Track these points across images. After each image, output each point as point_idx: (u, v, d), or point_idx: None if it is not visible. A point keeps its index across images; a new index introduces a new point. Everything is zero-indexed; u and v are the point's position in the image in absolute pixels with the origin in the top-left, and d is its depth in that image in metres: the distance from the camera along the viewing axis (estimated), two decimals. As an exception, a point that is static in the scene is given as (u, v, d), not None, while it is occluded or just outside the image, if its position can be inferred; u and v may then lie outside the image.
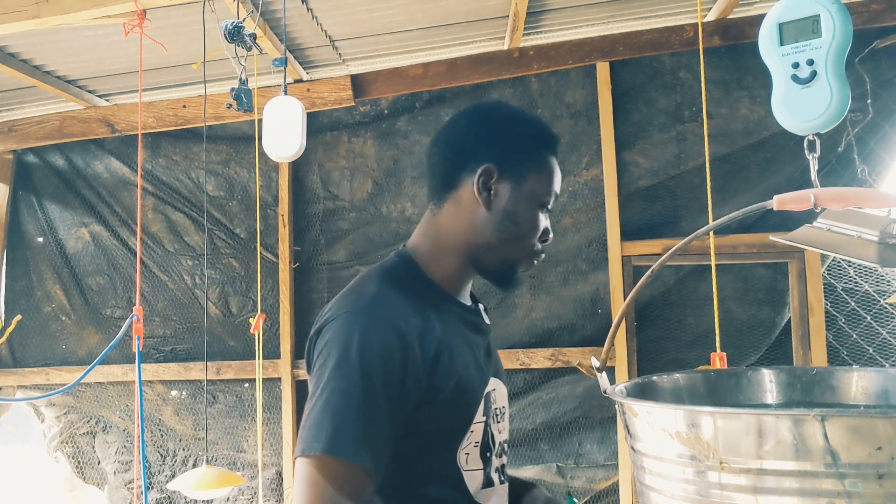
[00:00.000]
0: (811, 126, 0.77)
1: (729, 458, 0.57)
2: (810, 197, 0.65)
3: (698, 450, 0.59)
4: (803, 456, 0.54)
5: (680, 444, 0.60)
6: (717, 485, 0.58)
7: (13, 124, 2.87)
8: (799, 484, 0.54)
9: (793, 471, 0.54)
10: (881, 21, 2.37)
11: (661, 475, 0.63)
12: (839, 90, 0.76)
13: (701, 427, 0.58)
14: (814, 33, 0.77)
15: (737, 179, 2.52)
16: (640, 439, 0.66)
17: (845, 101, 0.76)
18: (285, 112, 1.46)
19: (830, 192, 0.65)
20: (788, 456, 0.54)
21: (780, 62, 0.79)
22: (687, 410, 0.60)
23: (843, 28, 0.76)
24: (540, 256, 1.12)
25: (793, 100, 0.78)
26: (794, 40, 0.78)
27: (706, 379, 0.83)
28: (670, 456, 0.61)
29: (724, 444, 0.57)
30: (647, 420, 0.64)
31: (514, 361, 2.60)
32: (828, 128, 0.78)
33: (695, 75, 2.55)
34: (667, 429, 0.61)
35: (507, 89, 2.71)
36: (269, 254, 2.79)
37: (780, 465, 0.55)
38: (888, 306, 2.45)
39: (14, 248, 2.99)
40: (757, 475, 0.56)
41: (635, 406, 0.65)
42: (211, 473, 1.97)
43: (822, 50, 0.76)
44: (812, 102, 0.77)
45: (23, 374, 2.91)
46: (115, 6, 1.90)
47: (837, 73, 0.76)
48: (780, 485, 0.55)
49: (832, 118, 0.77)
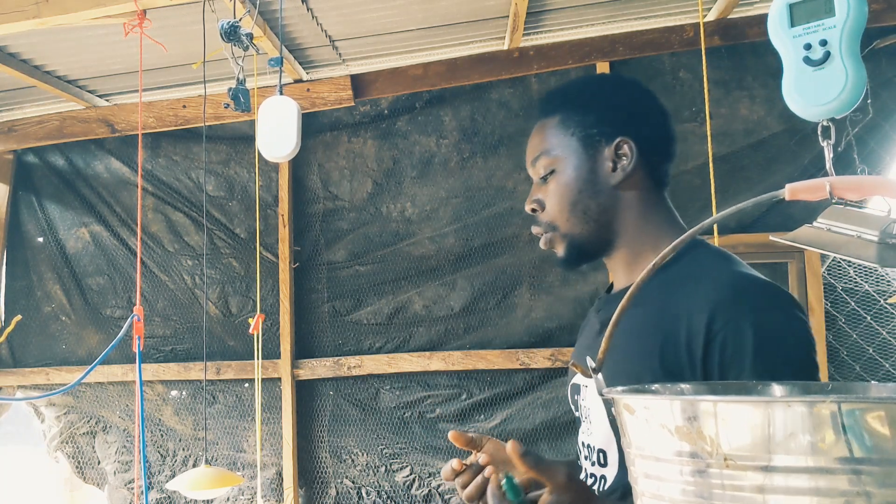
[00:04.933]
0: (825, 110, 0.73)
1: (734, 453, 0.52)
2: (825, 186, 0.61)
3: (700, 445, 0.54)
4: (818, 450, 0.49)
5: (680, 440, 0.55)
6: (719, 485, 0.53)
7: (13, 124, 2.86)
8: (814, 482, 0.49)
9: (806, 467, 0.49)
10: (881, 21, 2.37)
11: (659, 478, 0.59)
12: (855, 71, 0.71)
13: (702, 419, 0.54)
14: (826, 13, 0.73)
15: (737, 179, 2.52)
16: (636, 440, 0.62)
17: (861, 83, 0.72)
18: (280, 112, 1.45)
19: (847, 180, 0.60)
20: (801, 450, 0.49)
21: (790, 44, 0.75)
22: (687, 400, 0.56)
23: (858, 5, 0.72)
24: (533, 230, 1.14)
25: (805, 83, 0.74)
26: (806, 21, 0.74)
27: (711, 391, 0.80)
28: (669, 455, 0.57)
29: (729, 438, 0.53)
30: (644, 416, 0.60)
31: (514, 361, 2.60)
32: (843, 112, 0.73)
33: (695, 75, 2.55)
34: (666, 424, 0.57)
35: (507, 89, 2.70)
36: (269, 254, 2.79)
37: (791, 461, 0.50)
38: (888, 306, 2.45)
39: (14, 248, 2.99)
40: (765, 472, 0.51)
41: (632, 402, 0.61)
42: (210, 473, 1.97)
43: (836, 30, 0.72)
44: (826, 85, 0.72)
45: (23, 374, 2.90)
46: (115, 6, 1.90)
47: (853, 54, 0.72)
48: (791, 483, 0.50)
49: (848, 101, 0.72)
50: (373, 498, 2.70)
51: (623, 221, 1.06)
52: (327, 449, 2.75)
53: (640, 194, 1.06)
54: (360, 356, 2.72)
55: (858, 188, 0.61)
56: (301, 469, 2.73)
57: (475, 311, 2.70)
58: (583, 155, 1.06)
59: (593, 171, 1.05)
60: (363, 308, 2.77)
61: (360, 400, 2.74)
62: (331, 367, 2.71)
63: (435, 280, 2.72)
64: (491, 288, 2.69)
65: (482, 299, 2.70)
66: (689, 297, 0.96)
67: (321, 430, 2.75)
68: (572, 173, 1.06)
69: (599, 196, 1.05)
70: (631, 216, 1.06)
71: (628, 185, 1.05)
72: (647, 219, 1.06)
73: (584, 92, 1.14)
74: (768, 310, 0.93)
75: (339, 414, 2.75)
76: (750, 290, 0.95)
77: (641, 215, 1.06)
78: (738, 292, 0.94)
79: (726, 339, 0.91)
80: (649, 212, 1.06)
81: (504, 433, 2.63)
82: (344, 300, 2.79)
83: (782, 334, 0.91)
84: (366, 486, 2.72)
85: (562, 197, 1.06)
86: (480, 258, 2.70)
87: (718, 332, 0.91)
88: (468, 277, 2.70)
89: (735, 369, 0.90)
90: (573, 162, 1.06)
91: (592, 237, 1.07)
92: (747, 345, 0.90)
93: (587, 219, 1.05)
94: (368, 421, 2.73)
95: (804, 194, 0.62)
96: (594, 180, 1.05)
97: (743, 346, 0.90)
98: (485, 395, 2.65)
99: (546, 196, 1.09)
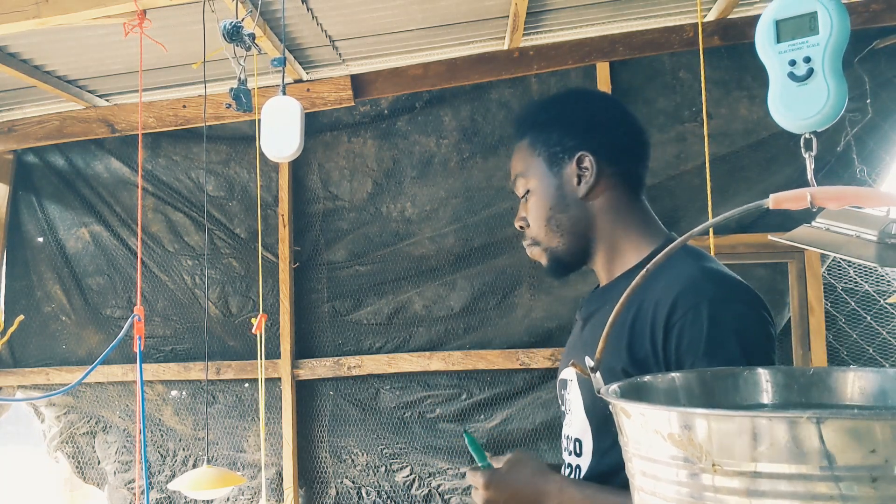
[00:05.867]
0: (807, 124, 0.76)
1: (722, 460, 0.56)
2: (806, 196, 0.64)
3: (691, 452, 0.58)
4: (798, 459, 0.53)
5: (673, 446, 0.59)
6: (710, 487, 0.57)
7: (13, 124, 2.87)
8: (793, 487, 0.54)
9: (787, 474, 0.54)
10: (881, 21, 2.37)
11: (655, 477, 0.62)
12: (836, 88, 0.75)
13: (694, 429, 0.58)
14: (811, 30, 0.76)
15: (736, 179, 2.52)
16: (633, 440, 0.65)
17: (842, 99, 0.75)
18: (283, 112, 1.46)
19: (827, 190, 0.64)
20: (783, 458, 0.54)
21: (776, 59, 0.78)
22: (680, 412, 0.60)
23: (841, 25, 0.75)
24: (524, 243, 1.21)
25: (789, 97, 0.77)
26: (791, 37, 0.77)
27: (702, 379, 0.82)
28: (663, 458, 0.61)
29: (718, 447, 0.57)
30: (640, 422, 0.63)
31: (514, 361, 2.60)
32: (824, 126, 0.77)
33: (694, 75, 2.55)
34: (660, 430, 0.60)
35: (507, 89, 2.71)
36: (269, 254, 2.79)
37: (774, 468, 0.54)
38: (888, 306, 2.45)
39: (14, 248, 2.99)
40: (751, 478, 0.55)
41: (628, 407, 0.64)
42: (211, 473, 1.97)
43: (819, 47, 0.75)
44: (809, 100, 0.76)
45: (23, 374, 2.91)
46: (115, 6, 1.90)
47: (834, 71, 0.75)
48: (774, 488, 0.54)
49: (829, 116, 0.76)
50: (373, 498, 2.71)
51: (597, 230, 1.13)
52: (327, 449, 2.75)
53: (609, 202, 1.13)
54: (360, 356, 2.72)
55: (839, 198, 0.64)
56: (301, 469, 2.73)
57: (475, 311, 2.70)
58: (549, 173, 1.15)
59: (560, 187, 1.14)
60: (363, 308, 2.77)
61: (360, 400, 2.75)
62: (331, 367, 2.72)
63: (435, 280, 2.72)
64: (491, 288, 2.69)
65: (482, 299, 2.70)
66: (655, 292, 1.01)
67: (321, 430, 2.75)
68: (543, 192, 1.15)
69: (569, 210, 1.13)
70: (603, 224, 1.13)
71: (595, 196, 1.13)
72: (619, 224, 1.13)
73: (547, 112, 1.21)
74: (725, 301, 0.98)
75: (339, 414, 2.75)
76: (710, 282, 1.00)
77: (614, 221, 1.12)
78: (697, 284, 1.00)
79: (683, 327, 0.97)
80: (621, 217, 1.13)
81: (504, 433, 2.63)
82: (344, 300, 2.79)
83: (737, 325, 0.96)
84: (366, 486, 2.72)
85: (538, 215, 1.16)
86: (480, 258, 2.70)
87: (677, 321, 0.97)
88: (468, 277, 2.70)
89: (690, 357, 0.96)
90: (543, 181, 1.15)
91: (570, 248, 1.15)
92: (702, 334, 0.95)
93: (561, 232, 1.14)
94: (368, 421, 2.73)
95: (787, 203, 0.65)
96: (562, 196, 1.13)
97: (698, 335, 0.95)
98: (485, 395, 2.65)
99: (527, 214, 1.19)
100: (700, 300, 0.97)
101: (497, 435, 2.63)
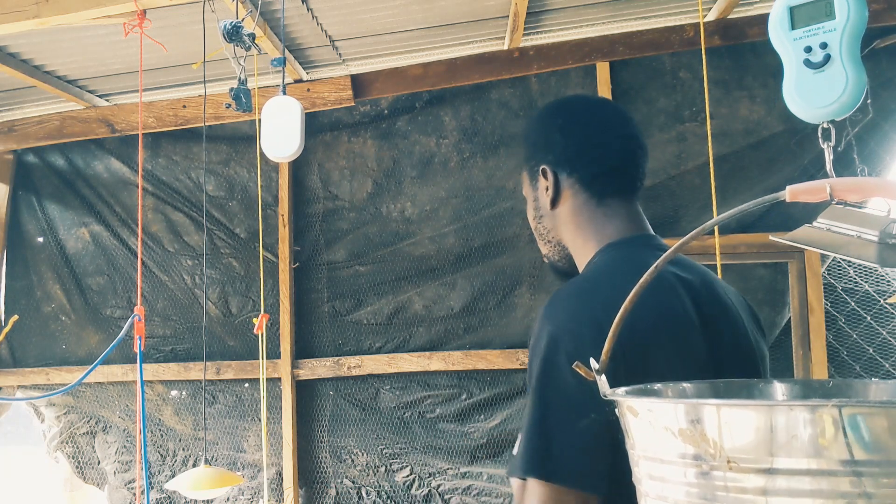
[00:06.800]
0: (825, 113, 0.73)
1: (737, 455, 0.53)
2: (826, 187, 0.61)
3: (703, 448, 0.54)
4: (819, 452, 0.49)
5: (683, 443, 0.56)
6: (722, 487, 0.54)
7: (13, 124, 2.87)
8: (816, 485, 0.50)
9: (809, 469, 0.50)
10: (881, 21, 2.37)
11: (662, 479, 0.59)
12: (855, 74, 0.72)
13: (705, 422, 0.54)
14: (827, 16, 0.73)
15: (737, 179, 2.52)
16: (640, 442, 0.63)
17: (861, 86, 0.72)
18: (284, 112, 1.46)
19: (847, 182, 0.61)
20: (803, 452, 0.50)
21: (791, 47, 0.76)
22: (690, 404, 0.57)
23: (858, 9, 0.72)
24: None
25: (805, 86, 0.74)
26: (806, 23, 0.74)
27: (714, 390, 0.80)
28: (672, 457, 0.58)
29: (732, 440, 0.53)
30: (648, 419, 0.60)
31: (513, 361, 2.60)
32: (843, 115, 0.74)
33: (695, 75, 2.55)
34: (669, 427, 0.57)
35: (507, 89, 2.70)
36: (269, 254, 2.79)
37: (793, 463, 0.51)
38: (888, 306, 2.45)
39: (14, 248, 2.99)
40: (767, 474, 0.51)
41: (635, 404, 0.62)
42: (210, 473, 1.97)
43: (836, 33, 0.73)
44: (826, 88, 0.73)
45: (23, 374, 2.90)
46: (115, 6, 1.90)
47: (853, 57, 0.72)
48: (793, 485, 0.51)
49: (848, 104, 0.73)
50: (373, 498, 2.70)
51: (565, 236, 1.19)
52: (327, 449, 2.75)
53: (570, 209, 1.17)
54: (360, 356, 2.72)
55: (859, 189, 0.62)
56: (301, 469, 2.73)
57: (475, 311, 2.70)
58: (531, 187, 1.22)
59: (537, 199, 1.21)
60: (363, 308, 2.77)
61: (360, 400, 2.74)
62: (331, 367, 2.71)
63: (435, 280, 2.72)
64: (491, 288, 2.69)
65: (482, 299, 2.70)
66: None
67: (321, 430, 2.75)
68: (529, 204, 1.24)
69: (544, 220, 1.21)
70: (566, 231, 1.18)
71: (559, 204, 1.18)
72: (579, 230, 1.17)
73: (525, 128, 1.30)
74: (539, 319, 1.02)
75: (339, 414, 2.75)
76: (553, 296, 1.04)
77: (575, 227, 1.17)
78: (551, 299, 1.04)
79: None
80: (580, 223, 1.17)
81: (504, 433, 2.63)
82: (344, 300, 2.79)
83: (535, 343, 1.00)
84: (366, 486, 2.72)
85: (531, 226, 1.26)
86: (480, 258, 2.70)
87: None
88: (468, 277, 2.70)
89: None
90: (529, 195, 1.24)
91: (554, 256, 1.22)
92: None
93: (544, 240, 1.22)
94: (368, 421, 2.73)
95: (805, 196, 0.63)
96: (538, 207, 1.21)
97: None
98: (485, 395, 2.65)
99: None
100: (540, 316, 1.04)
101: (497, 435, 2.63)
